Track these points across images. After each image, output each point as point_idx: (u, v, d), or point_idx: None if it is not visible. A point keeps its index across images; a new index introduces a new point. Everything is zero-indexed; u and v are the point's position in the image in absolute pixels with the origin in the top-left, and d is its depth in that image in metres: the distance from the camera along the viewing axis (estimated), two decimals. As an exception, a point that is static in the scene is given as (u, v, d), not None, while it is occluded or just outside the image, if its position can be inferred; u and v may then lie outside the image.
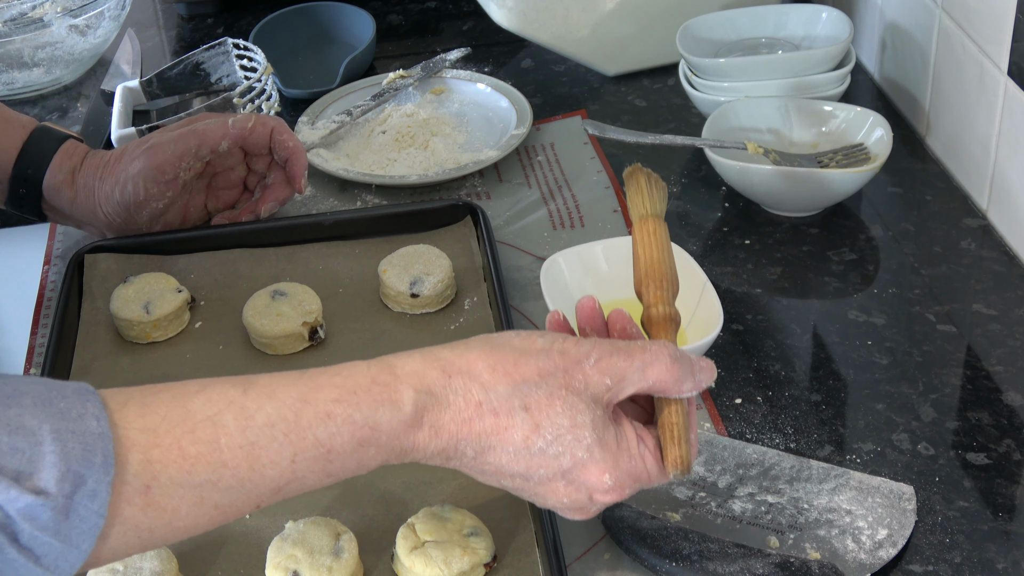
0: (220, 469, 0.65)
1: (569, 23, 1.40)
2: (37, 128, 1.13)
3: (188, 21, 1.64)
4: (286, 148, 1.15)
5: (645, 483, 0.75)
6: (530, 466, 0.72)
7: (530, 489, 0.74)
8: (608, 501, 0.74)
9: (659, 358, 0.74)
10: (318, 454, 0.67)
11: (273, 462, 0.66)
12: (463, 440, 0.71)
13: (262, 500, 0.68)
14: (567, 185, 1.26)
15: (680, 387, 0.74)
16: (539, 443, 0.71)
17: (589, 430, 0.72)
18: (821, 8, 1.36)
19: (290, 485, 0.68)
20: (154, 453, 0.63)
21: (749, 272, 1.13)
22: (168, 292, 1.07)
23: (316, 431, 0.67)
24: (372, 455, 0.69)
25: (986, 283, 1.10)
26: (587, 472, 0.72)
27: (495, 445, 0.71)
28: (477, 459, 0.72)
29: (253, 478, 0.66)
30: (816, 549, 0.85)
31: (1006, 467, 0.92)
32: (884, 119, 1.20)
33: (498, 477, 0.74)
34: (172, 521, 0.64)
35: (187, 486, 0.64)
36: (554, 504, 0.75)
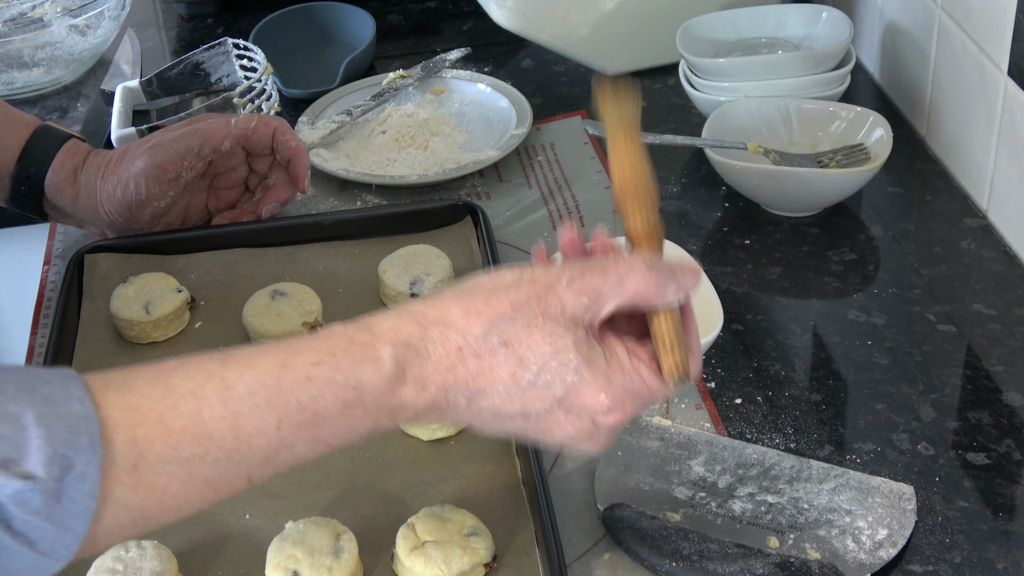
0: (206, 442, 0.64)
1: (569, 23, 1.40)
2: (40, 127, 1.13)
3: (188, 21, 1.64)
4: (289, 149, 1.15)
5: (646, 396, 0.73)
6: (525, 402, 0.71)
7: (533, 427, 0.72)
8: (613, 422, 0.73)
9: (634, 269, 0.72)
10: (303, 419, 0.66)
11: (258, 430, 0.65)
12: (451, 389, 0.70)
13: (253, 473, 0.66)
14: (567, 185, 1.26)
15: (663, 294, 0.73)
16: (527, 376, 0.70)
17: (573, 353, 0.70)
18: (821, 8, 1.36)
19: (280, 455, 0.66)
20: (139, 431, 0.63)
21: (749, 272, 1.13)
22: (168, 292, 1.07)
23: (298, 395, 0.66)
24: (360, 417, 0.68)
25: (986, 283, 1.10)
26: (582, 395, 0.71)
27: (485, 388, 0.70)
28: (471, 407, 0.71)
29: (240, 448, 0.65)
30: (816, 549, 0.85)
31: (1006, 467, 0.92)
32: (884, 119, 1.20)
33: (499, 422, 0.72)
34: (163, 499, 0.64)
35: (175, 462, 0.63)
36: (562, 438, 0.73)
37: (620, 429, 0.75)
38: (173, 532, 0.89)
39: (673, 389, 0.74)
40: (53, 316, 1.05)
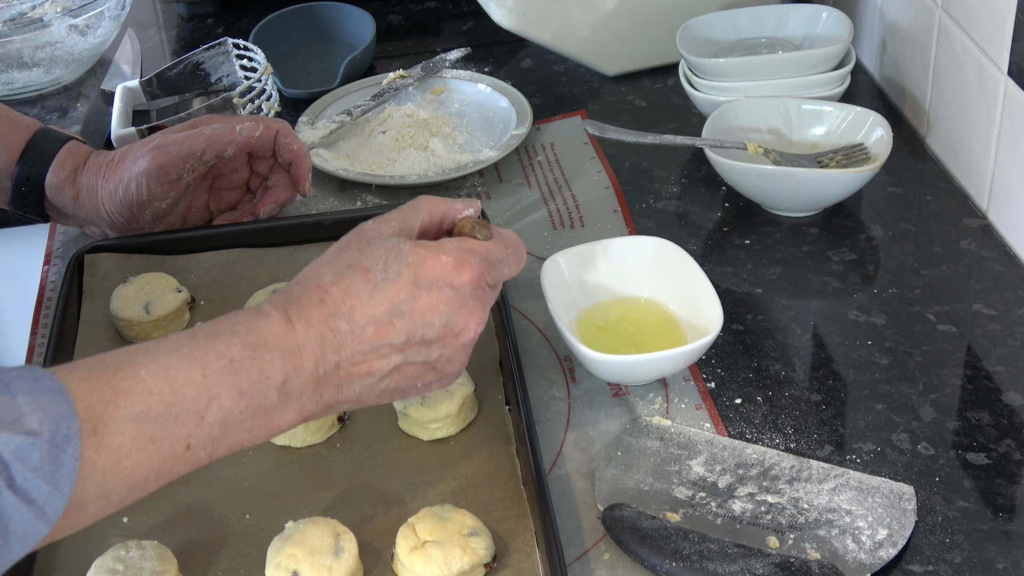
0: (148, 397, 0.70)
1: (569, 23, 1.40)
2: (40, 129, 1.13)
3: (188, 21, 1.64)
4: (291, 151, 1.15)
5: (481, 251, 0.82)
6: (389, 298, 0.79)
7: (411, 323, 0.79)
8: (468, 279, 0.81)
9: (423, 199, 0.86)
10: (223, 365, 0.73)
11: (188, 380, 0.71)
12: (329, 317, 0.77)
13: (190, 431, 0.71)
14: (567, 185, 1.26)
15: (453, 206, 0.86)
16: (377, 276, 0.79)
17: (404, 244, 0.81)
18: (821, 8, 1.36)
19: (210, 409, 0.72)
20: (93, 396, 0.68)
21: (749, 272, 1.13)
22: (168, 292, 1.07)
23: (214, 345, 0.74)
24: (269, 361, 0.74)
25: (986, 283, 1.10)
26: (427, 267, 0.80)
27: (353, 305, 0.78)
28: (351, 324, 0.78)
29: (176, 401, 0.71)
30: (816, 549, 0.85)
31: (1006, 467, 0.92)
32: (884, 119, 1.20)
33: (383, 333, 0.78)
34: (119, 460, 0.68)
35: (124, 420, 0.69)
36: (440, 320, 0.80)
37: (487, 296, 0.83)
38: (173, 532, 0.89)
39: (488, 244, 0.84)
40: (53, 316, 1.05)
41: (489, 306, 0.84)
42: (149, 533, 0.89)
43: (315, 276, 0.80)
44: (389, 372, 0.80)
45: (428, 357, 0.81)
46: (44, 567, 0.87)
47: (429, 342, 0.80)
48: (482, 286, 0.82)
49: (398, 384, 0.81)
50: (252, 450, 0.95)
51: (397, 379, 0.81)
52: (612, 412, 0.98)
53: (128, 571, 0.83)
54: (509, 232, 0.87)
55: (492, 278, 0.83)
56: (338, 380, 0.78)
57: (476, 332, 0.82)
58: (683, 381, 1.01)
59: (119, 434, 0.68)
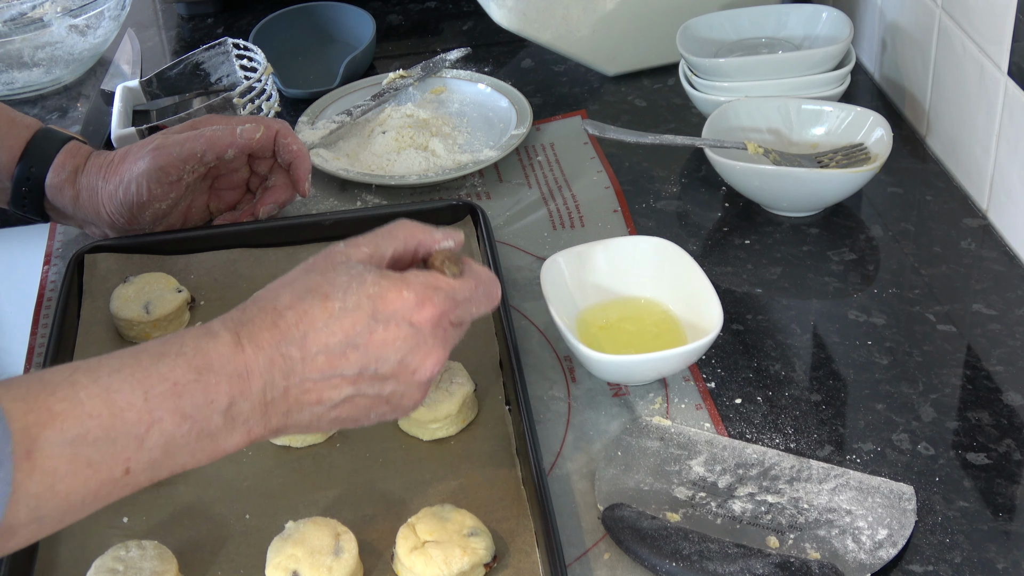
0: (86, 420, 0.68)
1: (569, 23, 1.40)
2: (41, 129, 1.13)
3: (188, 21, 1.64)
4: (290, 152, 1.15)
5: (447, 289, 0.79)
6: (344, 328, 0.76)
7: (365, 356, 0.77)
8: (428, 317, 0.78)
9: (401, 224, 0.83)
10: (166, 388, 0.71)
11: (129, 403, 0.69)
12: (281, 342, 0.75)
13: (130, 455, 0.70)
14: (567, 185, 1.26)
15: (432, 236, 0.83)
16: (336, 304, 0.76)
17: (368, 274, 0.78)
18: (821, 8, 1.36)
19: (151, 433, 0.70)
20: (29, 418, 0.66)
21: (749, 272, 1.13)
22: (168, 292, 1.07)
23: (158, 367, 0.72)
24: (215, 384, 0.73)
25: (986, 283, 1.10)
26: (387, 301, 0.77)
27: (307, 331, 0.76)
28: (304, 352, 0.75)
29: (116, 425, 0.69)
30: (816, 549, 0.85)
31: (1006, 467, 0.92)
32: (884, 119, 1.20)
33: (335, 364, 0.76)
34: (54, 484, 0.67)
35: (60, 444, 0.67)
36: (395, 357, 0.77)
37: (449, 335, 0.80)
38: (173, 532, 0.89)
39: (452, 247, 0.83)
40: (53, 316, 1.05)
41: (451, 345, 0.81)
42: (149, 533, 0.89)
43: (273, 297, 0.77)
44: (340, 402, 0.78)
45: (381, 391, 0.79)
46: (44, 567, 0.87)
47: (383, 377, 0.78)
48: (443, 325, 0.79)
49: (349, 414, 0.79)
50: (252, 450, 0.95)
51: (348, 409, 0.79)
52: (612, 412, 0.98)
53: (128, 571, 0.83)
54: (483, 269, 0.84)
55: (456, 317, 0.81)
56: (287, 406, 0.76)
57: (433, 371, 0.80)
58: (683, 381, 1.01)
59: (54, 458, 0.66)
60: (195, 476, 0.93)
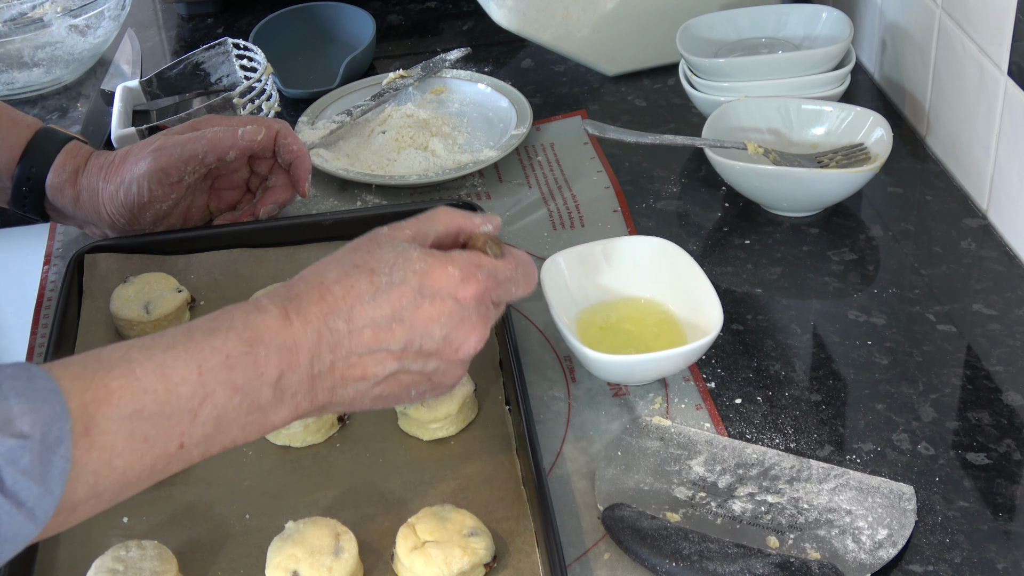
0: (141, 396, 0.69)
1: (569, 23, 1.40)
2: (41, 128, 1.13)
3: (188, 21, 1.64)
4: (291, 152, 1.15)
5: (490, 268, 0.82)
6: (391, 302, 0.78)
7: (411, 331, 0.78)
8: (473, 294, 0.80)
9: (442, 210, 0.85)
10: (219, 362, 0.72)
11: (183, 378, 0.71)
12: (328, 316, 0.77)
13: (184, 429, 0.71)
14: (567, 185, 1.26)
15: (472, 220, 0.85)
16: (382, 280, 0.78)
17: (413, 251, 0.80)
18: (821, 8, 1.36)
19: (204, 407, 0.71)
20: (87, 395, 0.68)
21: (749, 272, 1.13)
22: (168, 292, 1.07)
23: (210, 342, 0.73)
24: (265, 357, 0.74)
25: (986, 283, 1.10)
26: (433, 277, 0.79)
27: (353, 304, 0.77)
28: (350, 325, 0.77)
29: (170, 399, 0.70)
30: (816, 549, 0.85)
31: (1006, 467, 0.92)
32: (884, 119, 1.20)
33: (381, 338, 0.78)
34: (111, 460, 0.68)
35: (117, 419, 0.68)
36: (440, 332, 0.79)
37: (490, 313, 0.82)
38: (173, 532, 0.89)
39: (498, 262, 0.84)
40: (53, 316, 1.05)
41: (491, 324, 0.83)
42: (149, 533, 0.89)
43: (320, 273, 0.79)
44: (384, 378, 0.79)
45: (425, 368, 0.80)
46: (44, 567, 0.87)
47: (427, 353, 0.80)
48: (486, 303, 0.81)
49: (392, 391, 0.81)
50: (252, 450, 0.95)
51: (392, 386, 0.80)
52: (612, 412, 0.98)
53: (128, 571, 0.83)
54: (522, 252, 0.86)
55: (497, 296, 0.83)
56: (332, 381, 0.78)
57: (475, 348, 0.81)
58: (683, 381, 1.01)
59: (111, 434, 0.68)
60: (195, 476, 0.93)
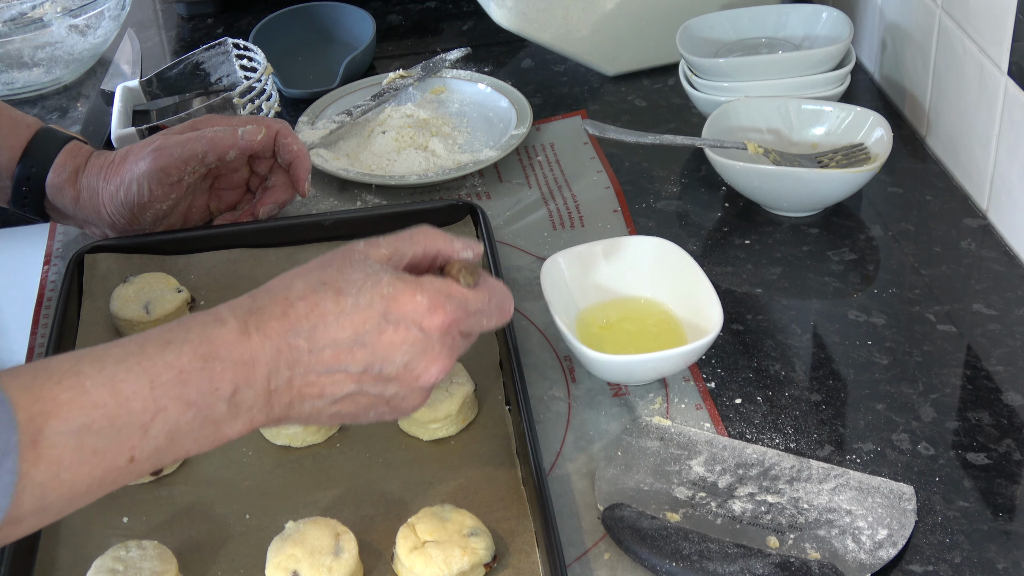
0: (91, 410, 0.68)
1: (569, 23, 1.40)
2: (42, 128, 1.13)
3: (188, 21, 1.64)
4: (290, 152, 1.15)
5: (460, 299, 0.80)
6: (354, 324, 0.76)
7: (372, 355, 0.77)
8: (439, 324, 0.78)
9: (423, 231, 0.83)
10: (171, 377, 0.71)
11: (134, 392, 0.70)
12: (289, 332, 0.75)
13: (134, 443, 0.70)
14: (567, 185, 1.26)
15: (452, 245, 0.83)
16: (349, 300, 0.77)
17: (384, 273, 0.78)
18: (821, 8, 1.36)
19: (156, 422, 0.70)
20: (35, 408, 0.66)
21: (749, 272, 1.13)
22: (168, 292, 1.07)
23: (164, 356, 0.72)
24: (220, 372, 0.73)
25: (986, 283, 1.10)
26: (400, 303, 0.77)
27: (316, 323, 0.76)
28: (311, 344, 0.76)
29: (120, 414, 0.69)
30: (816, 549, 0.85)
31: (1006, 467, 0.92)
32: (884, 119, 1.20)
33: (341, 359, 0.76)
34: (59, 473, 0.67)
35: (66, 433, 0.67)
36: (401, 359, 0.78)
37: (456, 344, 0.80)
38: (173, 532, 0.89)
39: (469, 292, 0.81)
40: (53, 316, 1.05)
41: (457, 355, 0.81)
42: (149, 533, 0.89)
43: (285, 286, 0.77)
44: (341, 398, 0.78)
45: (384, 392, 0.79)
46: (44, 567, 0.87)
47: (386, 378, 0.78)
48: (453, 334, 0.80)
49: (349, 410, 0.80)
50: (252, 450, 0.95)
51: (349, 406, 0.79)
52: (612, 412, 0.98)
53: (128, 571, 0.83)
54: (498, 283, 0.84)
55: (467, 327, 0.81)
56: (289, 397, 0.76)
57: (436, 378, 0.80)
58: (683, 381, 1.01)
59: (60, 447, 0.67)
60: (195, 476, 0.93)
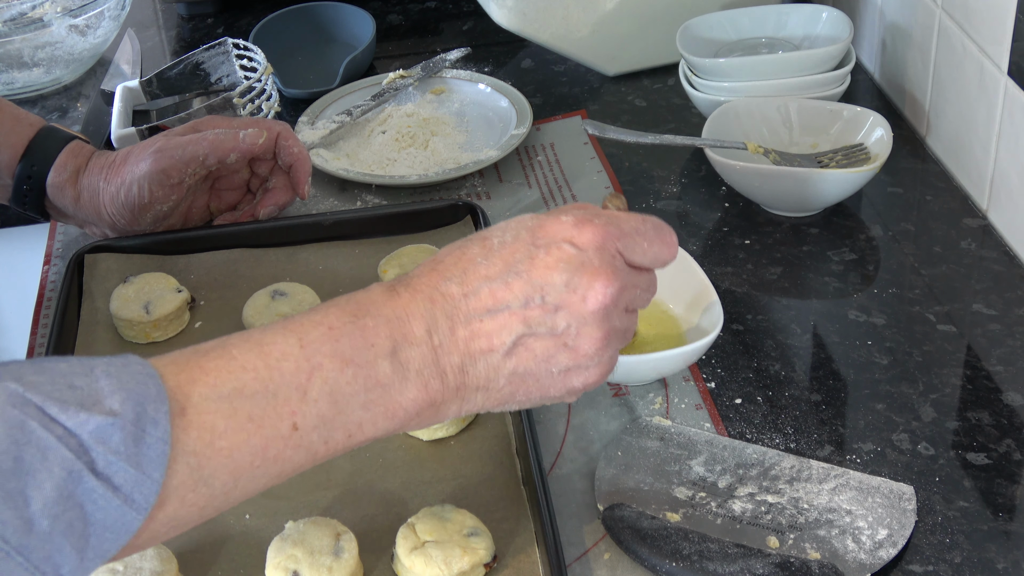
0: (240, 374, 0.67)
1: (569, 23, 1.40)
2: (44, 127, 1.13)
3: (188, 21, 1.64)
4: (291, 154, 1.15)
5: (609, 216, 0.76)
6: (504, 259, 0.74)
7: (529, 283, 0.73)
8: (590, 237, 0.74)
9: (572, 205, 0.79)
10: (321, 333, 0.69)
11: (284, 353, 0.68)
12: (440, 283, 0.73)
13: (294, 407, 0.67)
14: (567, 185, 1.26)
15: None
16: (495, 240, 0.75)
17: (528, 214, 0.77)
18: (821, 8, 1.36)
19: (313, 381, 0.68)
20: (181, 377, 0.65)
21: (749, 272, 1.13)
22: (168, 292, 1.07)
23: (310, 316, 0.70)
24: (373, 328, 0.70)
25: (986, 283, 1.10)
26: (546, 228, 0.75)
27: (466, 268, 0.74)
28: (464, 287, 0.73)
29: (273, 376, 0.67)
30: (816, 549, 0.85)
31: (1006, 467, 0.92)
32: (884, 119, 1.20)
33: (499, 296, 0.73)
34: (212, 440, 0.65)
35: (216, 399, 0.65)
36: (561, 279, 0.73)
37: (617, 264, 0.75)
38: (173, 532, 0.89)
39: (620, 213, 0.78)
40: (53, 316, 1.05)
41: (622, 276, 0.75)
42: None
43: (433, 256, 0.76)
44: (512, 346, 0.73)
45: (554, 327, 0.73)
46: (44, 567, 0.87)
47: (553, 307, 0.73)
48: (610, 251, 0.74)
49: (527, 366, 0.74)
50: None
51: (525, 358, 0.74)
52: (612, 412, 0.98)
53: (128, 571, 0.83)
54: (657, 218, 0.79)
55: (624, 246, 0.75)
56: (459, 356, 0.72)
57: (604, 297, 0.73)
58: (683, 381, 1.01)
59: (211, 413, 0.65)
60: (195, 476, 0.93)
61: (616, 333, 0.76)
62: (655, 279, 0.80)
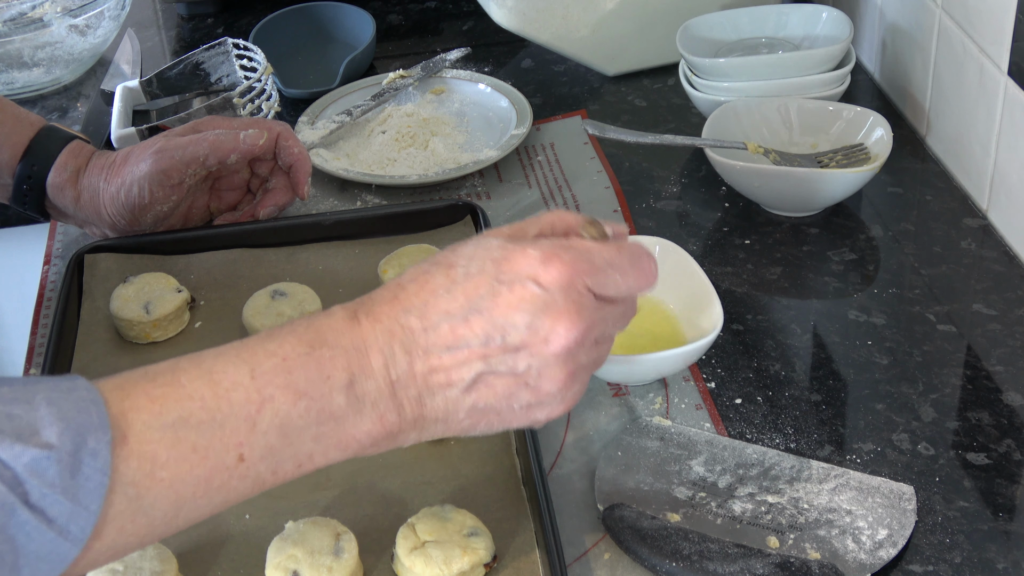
0: (186, 402, 0.65)
1: (569, 23, 1.40)
2: (45, 127, 1.13)
3: (188, 21, 1.64)
4: (291, 155, 1.15)
5: (581, 249, 0.72)
6: (466, 293, 0.71)
7: (491, 322, 0.71)
8: (556, 276, 0.70)
9: (553, 211, 0.77)
10: (274, 364, 0.67)
11: (234, 383, 0.66)
12: (400, 312, 0.71)
13: (241, 439, 0.66)
14: (567, 185, 1.26)
15: (579, 219, 0.76)
16: (459, 271, 0.72)
17: (494, 240, 0.73)
18: (821, 8, 1.36)
19: (263, 413, 0.67)
20: (126, 404, 0.64)
21: (749, 272, 1.13)
22: (168, 292, 1.07)
23: (265, 344, 0.69)
24: (330, 359, 0.69)
25: (986, 283, 1.10)
26: (511, 262, 0.71)
27: (427, 300, 0.71)
28: (423, 320, 0.71)
29: (221, 407, 0.66)
30: (816, 549, 0.85)
31: (1006, 467, 0.92)
32: (884, 119, 1.20)
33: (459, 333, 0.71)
34: (154, 470, 0.64)
35: (159, 427, 0.64)
36: (522, 320, 0.70)
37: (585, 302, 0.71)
38: (173, 532, 0.89)
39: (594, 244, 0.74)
40: (53, 316, 1.05)
41: (589, 315, 0.72)
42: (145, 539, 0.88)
43: (398, 277, 0.74)
44: (472, 383, 0.71)
45: (515, 367, 0.71)
46: (44, 567, 0.87)
47: (513, 348, 0.71)
48: (577, 288, 0.71)
49: (488, 401, 0.72)
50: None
51: (485, 394, 0.72)
52: (612, 412, 0.98)
53: (128, 571, 0.83)
54: (637, 244, 0.76)
55: (595, 282, 0.72)
56: (416, 389, 0.71)
57: (566, 340, 0.71)
58: (683, 381, 1.01)
59: (153, 442, 0.63)
60: (195, 476, 0.93)
61: (582, 369, 0.74)
62: (634, 304, 0.77)
